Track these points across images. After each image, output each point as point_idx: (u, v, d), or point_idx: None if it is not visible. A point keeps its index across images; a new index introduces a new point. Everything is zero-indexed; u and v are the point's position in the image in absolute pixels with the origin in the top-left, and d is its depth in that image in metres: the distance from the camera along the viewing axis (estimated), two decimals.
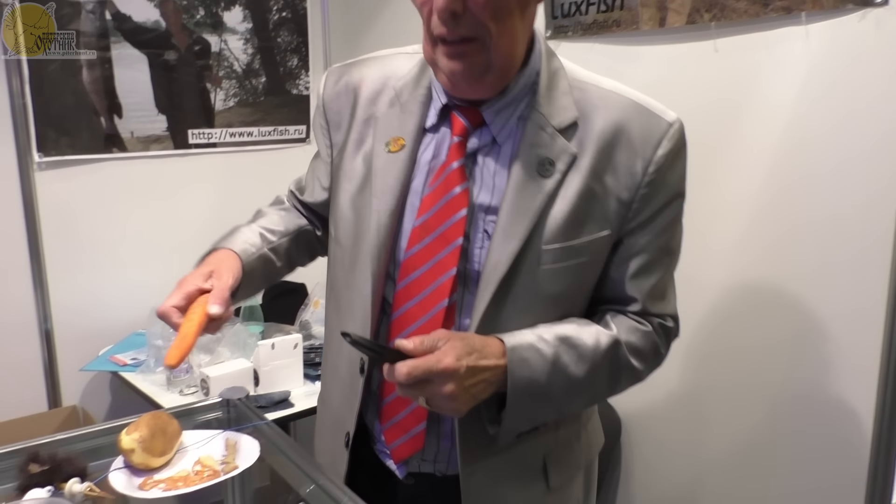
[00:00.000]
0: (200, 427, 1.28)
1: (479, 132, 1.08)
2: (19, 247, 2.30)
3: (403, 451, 1.15)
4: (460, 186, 1.06)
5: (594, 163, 1.04)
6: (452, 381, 0.94)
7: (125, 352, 2.37)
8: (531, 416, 1.07)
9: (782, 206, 1.67)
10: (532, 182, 1.03)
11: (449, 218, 1.06)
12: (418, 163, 1.11)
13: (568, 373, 1.04)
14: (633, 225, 1.07)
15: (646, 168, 1.04)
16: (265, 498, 1.24)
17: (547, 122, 1.04)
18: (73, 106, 2.31)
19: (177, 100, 2.49)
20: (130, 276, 2.47)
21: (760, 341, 1.75)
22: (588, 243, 1.05)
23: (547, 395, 1.04)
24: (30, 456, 1.14)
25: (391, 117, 1.13)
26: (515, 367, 1.01)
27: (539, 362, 1.02)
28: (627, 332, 1.09)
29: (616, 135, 1.04)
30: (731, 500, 1.87)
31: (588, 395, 1.12)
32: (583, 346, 1.05)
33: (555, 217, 1.04)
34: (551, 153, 1.04)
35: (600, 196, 1.04)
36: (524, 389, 1.02)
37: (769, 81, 1.66)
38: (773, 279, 1.71)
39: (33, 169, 2.28)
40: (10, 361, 2.32)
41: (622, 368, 1.09)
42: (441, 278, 1.06)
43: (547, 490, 1.16)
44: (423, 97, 1.12)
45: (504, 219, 1.04)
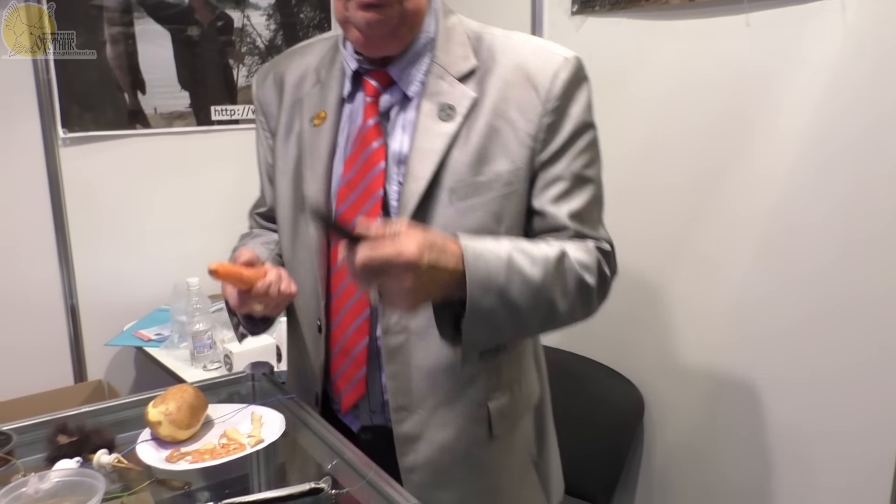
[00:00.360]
0: (225, 401, 1.29)
1: (390, 91, 1.16)
2: (45, 223, 2.32)
3: (350, 398, 1.21)
4: (377, 142, 1.14)
5: (496, 103, 1.11)
6: (412, 274, 0.92)
7: (149, 327, 2.38)
8: (492, 320, 1.03)
9: (815, 187, 1.64)
10: (435, 126, 1.11)
11: (368, 173, 1.14)
12: (341, 131, 1.19)
13: (523, 273, 1.03)
14: (545, 157, 1.12)
15: (545, 100, 1.10)
16: (290, 472, 1.24)
17: (446, 71, 1.13)
18: (97, 82, 2.31)
19: (200, 76, 2.48)
20: (154, 252, 2.48)
21: (790, 323, 1.73)
22: (496, 177, 1.11)
23: (506, 296, 1.02)
24: (58, 427, 1.15)
25: (313, 96, 1.22)
26: (471, 262, 0.99)
27: (495, 260, 1.02)
28: (571, 246, 1.11)
29: (515, 74, 1.12)
30: (754, 485, 1.86)
31: (544, 304, 1.07)
32: (534, 252, 1.06)
33: (459, 157, 1.10)
34: (451, 99, 1.12)
35: (505, 132, 1.11)
36: (483, 287, 1.00)
37: (803, 57, 1.62)
38: (802, 256, 1.68)
39: (58, 145, 2.29)
40: (37, 336, 2.34)
41: (573, 280, 1.09)
42: None
43: (490, 437, 1.21)
44: (338, 72, 1.21)
45: (412, 163, 1.11)
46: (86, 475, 0.97)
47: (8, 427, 1.19)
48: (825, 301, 1.65)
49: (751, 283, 1.79)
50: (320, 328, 1.22)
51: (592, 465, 2.09)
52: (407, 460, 1.19)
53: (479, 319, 1.01)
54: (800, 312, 1.70)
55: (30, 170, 2.27)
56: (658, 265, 2.01)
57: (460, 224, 1.10)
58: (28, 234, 2.30)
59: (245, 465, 1.16)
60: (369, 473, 1.06)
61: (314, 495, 1.04)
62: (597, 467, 2.08)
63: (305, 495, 1.03)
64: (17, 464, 1.12)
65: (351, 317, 1.18)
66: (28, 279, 2.31)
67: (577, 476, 2.14)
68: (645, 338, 2.08)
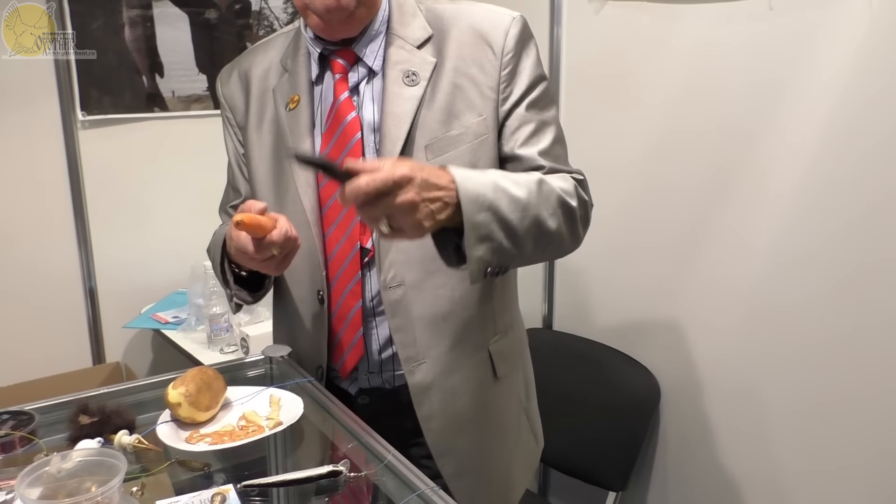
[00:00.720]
0: (243, 384, 1.30)
1: (356, 67, 1.24)
2: (64, 205, 2.33)
3: (351, 361, 1.29)
4: (350, 115, 1.22)
5: (455, 63, 1.21)
6: (412, 189, 0.95)
7: (167, 310, 2.40)
8: (489, 236, 1.05)
9: (838, 176, 1.62)
10: (402, 91, 1.20)
11: (347, 144, 1.22)
12: (316, 111, 1.27)
13: (509, 192, 1.07)
14: (508, 106, 1.22)
15: (501, 53, 1.20)
16: (308, 454, 1.25)
17: (405, 41, 1.23)
18: (115, 65, 2.32)
19: (217, 59, 2.48)
20: (171, 236, 2.49)
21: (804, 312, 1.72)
22: (465, 129, 1.20)
23: (497, 211, 1.05)
24: (80, 408, 1.16)
25: (283, 84, 1.30)
26: (461, 181, 1.02)
27: (482, 179, 1.05)
28: (548, 176, 1.17)
29: (470, 36, 1.21)
30: (768, 471, 1.85)
31: (534, 222, 1.10)
32: (514, 176, 1.11)
33: (428, 116, 1.20)
34: (413, 66, 1.21)
35: (467, 88, 1.21)
36: (475, 202, 1.03)
37: (828, 42, 1.60)
38: (825, 239, 1.67)
39: (77, 128, 2.30)
40: (56, 318, 2.36)
41: (556, 201, 1.14)
42: None
43: (494, 378, 1.32)
44: (304, 57, 1.28)
45: (386, 127, 1.20)
46: (107, 455, 0.98)
47: (30, 407, 1.21)
48: (841, 286, 1.64)
49: (766, 274, 1.78)
50: (322, 299, 1.27)
51: (608, 450, 2.09)
52: (423, 409, 1.27)
53: (477, 235, 1.04)
54: (815, 300, 1.69)
55: (49, 152, 2.28)
56: (676, 252, 2.00)
57: None
58: (47, 217, 2.31)
59: (263, 447, 1.17)
60: (387, 456, 1.07)
61: (332, 478, 1.04)
62: (613, 453, 2.09)
63: (323, 478, 1.04)
64: (39, 443, 1.13)
65: (345, 281, 1.25)
66: (47, 262, 2.33)
67: (593, 461, 2.14)
68: (661, 325, 2.08)
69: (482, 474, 1.32)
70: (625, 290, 2.19)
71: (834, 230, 1.64)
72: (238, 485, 1.02)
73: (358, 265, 1.25)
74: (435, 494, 0.97)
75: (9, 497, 0.98)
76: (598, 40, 2.14)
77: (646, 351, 2.11)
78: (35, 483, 0.93)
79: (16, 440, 1.13)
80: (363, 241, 1.24)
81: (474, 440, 1.32)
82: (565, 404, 2.20)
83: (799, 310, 1.73)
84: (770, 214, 1.76)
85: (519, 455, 1.43)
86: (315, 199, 1.25)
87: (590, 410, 2.15)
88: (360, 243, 1.24)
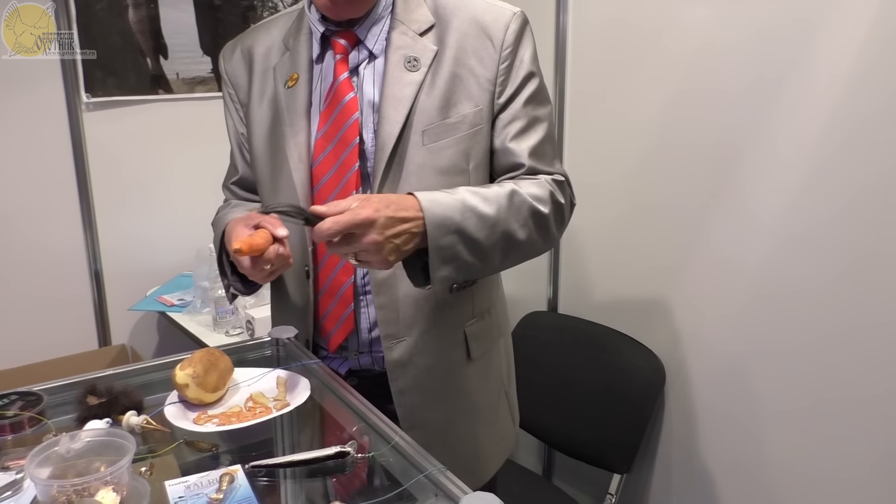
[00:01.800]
0: (250, 365, 1.30)
1: (357, 49, 1.26)
2: (69, 188, 2.33)
3: (338, 337, 1.31)
4: (349, 95, 1.24)
5: (455, 53, 1.23)
6: (374, 230, 1.04)
7: (172, 292, 2.40)
8: (454, 256, 1.13)
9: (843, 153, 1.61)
10: (403, 76, 1.23)
11: (345, 123, 1.24)
12: (314, 90, 1.29)
13: (478, 212, 1.14)
14: (503, 100, 1.24)
15: (501, 47, 1.23)
16: (314, 435, 1.25)
17: (408, 28, 1.25)
18: (119, 46, 2.31)
19: (221, 41, 2.44)
20: (176, 218, 2.49)
21: (813, 289, 1.72)
22: (462, 118, 1.23)
23: (464, 232, 1.13)
24: (88, 389, 1.17)
25: (284, 62, 1.32)
26: (428, 207, 1.10)
27: (449, 202, 1.12)
28: (521, 182, 1.23)
29: (471, 27, 1.24)
30: (774, 455, 1.86)
31: (503, 237, 1.17)
32: (485, 192, 1.17)
33: (427, 102, 1.22)
34: (415, 52, 1.24)
35: (466, 79, 1.23)
36: (440, 227, 1.10)
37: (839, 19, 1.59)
38: (831, 224, 1.66)
39: (81, 110, 2.29)
40: (62, 301, 2.37)
41: (528, 212, 1.20)
42: (346, 176, 1.24)
43: (468, 359, 1.35)
44: (306, 37, 1.31)
45: (385, 109, 1.22)
46: (116, 435, 0.98)
47: (39, 388, 1.21)
48: (845, 271, 1.64)
49: (772, 257, 1.78)
50: (308, 273, 1.30)
51: (613, 433, 2.10)
52: (398, 384, 1.30)
53: (441, 257, 1.12)
54: (819, 284, 1.69)
55: (54, 134, 2.28)
56: (682, 234, 2.00)
57: (433, 163, 1.23)
58: (53, 200, 2.31)
59: (270, 428, 1.17)
60: (395, 437, 1.07)
61: (339, 459, 1.04)
62: (617, 436, 2.09)
63: (330, 458, 1.04)
64: (48, 424, 1.14)
65: (335, 258, 1.27)
66: (53, 245, 2.33)
67: (597, 444, 2.15)
68: (667, 308, 2.08)
69: (451, 449, 1.32)
70: (630, 273, 2.19)
71: (840, 216, 1.63)
72: (246, 465, 1.02)
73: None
74: (442, 475, 0.97)
75: (18, 476, 0.99)
76: (603, 22, 2.13)
77: (651, 334, 2.11)
78: (44, 463, 0.94)
79: (25, 421, 1.14)
80: None
81: (445, 416, 1.34)
82: (570, 387, 2.21)
83: (804, 293, 1.73)
84: (778, 197, 1.75)
85: (494, 435, 1.45)
86: (307, 176, 1.27)
87: (594, 393, 2.16)
88: None
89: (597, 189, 2.19)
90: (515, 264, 1.26)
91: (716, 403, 1.99)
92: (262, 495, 0.97)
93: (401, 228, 1.06)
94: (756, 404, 1.88)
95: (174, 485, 0.98)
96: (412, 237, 1.08)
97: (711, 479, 2.03)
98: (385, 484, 1.00)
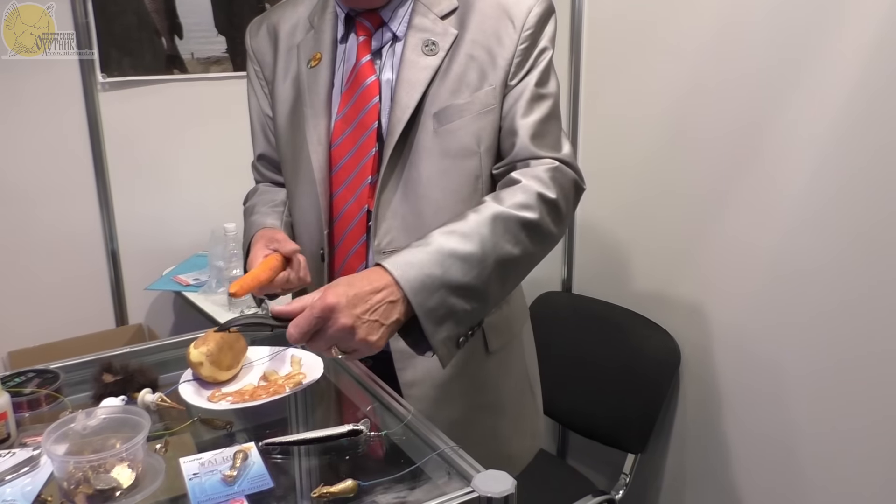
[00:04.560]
0: (264, 344, 1.30)
1: (381, 31, 1.26)
2: (85, 168, 2.34)
3: None
4: (370, 78, 1.24)
5: (474, 36, 1.22)
6: (341, 314, 0.94)
7: (188, 272, 2.41)
8: (450, 311, 1.03)
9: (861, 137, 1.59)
10: (420, 60, 1.21)
11: (364, 107, 1.23)
12: (336, 70, 1.28)
13: (459, 255, 1.03)
14: (517, 81, 1.22)
15: (521, 30, 1.21)
16: (328, 413, 1.26)
17: (430, 11, 1.24)
18: (135, 26, 2.31)
19: (236, 20, 2.46)
20: (192, 198, 2.49)
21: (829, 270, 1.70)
22: (474, 98, 1.21)
23: (449, 283, 1.02)
24: (104, 367, 1.18)
25: (308, 41, 1.31)
26: (401, 272, 0.99)
27: (424, 258, 1.02)
28: (503, 197, 1.12)
29: (493, 9, 1.22)
30: (787, 436, 1.85)
31: (497, 265, 1.08)
32: (461, 228, 1.06)
33: (441, 86, 1.21)
34: (434, 35, 1.22)
35: (482, 59, 1.22)
36: (423, 289, 1.00)
37: None
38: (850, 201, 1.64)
39: (97, 90, 2.30)
40: (79, 281, 2.38)
41: (516, 226, 1.10)
42: (363, 160, 1.23)
43: (486, 353, 1.31)
44: (331, 16, 1.30)
45: (399, 93, 1.21)
46: (131, 412, 0.99)
47: (56, 365, 1.22)
48: (861, 253, 1.62)
49: (788, 238, 1.76)
50: (323, 256, 1.29)
51: (628, 413, 2.10)
52: (406, 375, 1.26)
53: (435, 320, 1.01)
54: (835, 265, 1.67)
55: (70, 114, 2.28)
56: (697, 214, 1.98)
57: (442, 146, 1.21)
58: (69, 180, 2.32)
59: (284, 407, 1.18)
60: (408, 416, 1.07)
61: (352, 437, 1.05)
62: (632, 416, 2.09)
63: (344, 437, 1.04)
64: (64, 401, 1.15)
65: (350, 242, 1.27)
66: (70, 224, 2.34)
67: (612, 424, 2.15)
68: (682, 288, 2.07)
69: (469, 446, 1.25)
70: (645, 252, 2.18)
71: (857, 196, 1.62)
72: (260, 443, 1.03)
73: (364, 228, 1.26)
74: (455, 454, 0.97)
75: (35, 453, 1.00)
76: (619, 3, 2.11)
77: (666, 314, 2.10)
78: (61, 439, 0.95)
79: (42, 398, 1.15)
80: (371, 204, 1.24)
81: (462, 412, 1.30)
82: (585, 367, 2.20)
83: (820, 275, 1.71)
84: (794, 179, 1.73)
85: (519, 432, 1.42)
86: (325, 157, 1.26)
87: (609, 373, 2.16)
88: (368, 206, 1.24)
89: (612, 172, 2.17)
90: (521, 281, 1.21)
91: (730, 384, 1.98)
92: (276, 472, 0.98)
93: (372, 302, 0.97)
94: (771, 384, 1.87)
95: (188, 461, 0.99)
96: (392, 306, 0.98)
97: (726, 460, 2.02)
98: (398, 462, 1.01)
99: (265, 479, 0.96)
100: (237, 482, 0.94)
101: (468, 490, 0.88)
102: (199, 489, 0.93)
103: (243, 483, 0.95)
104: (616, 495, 2.11)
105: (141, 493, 0.91)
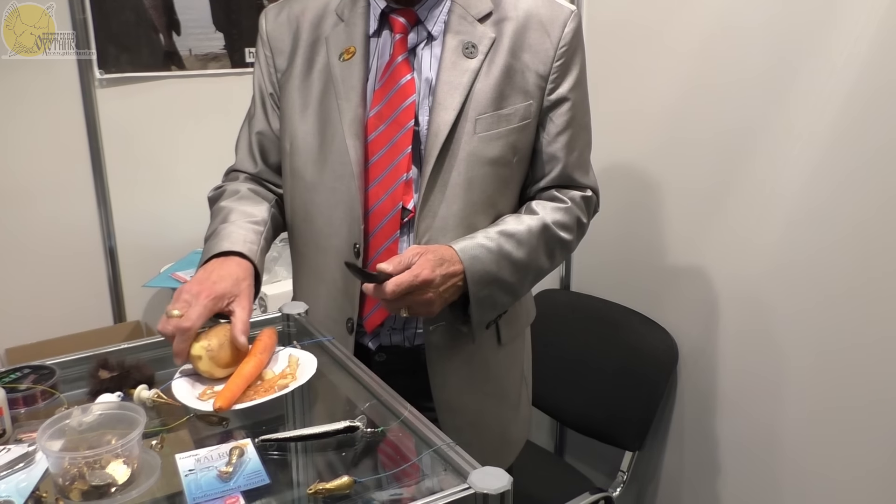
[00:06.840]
0: None
1: (416, 29, 1.27)
2: (83, 164, 2.33)
3: (378, 317, 1.33)
4: (407, 76, 1.25)
5: (511, 44, 1.25)
6: (430, 289, 1.14)
7: (185, 269, 2.40)
8: (492, 302, 1.26)
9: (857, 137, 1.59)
10: (460, 62, 1.24)
11: (399, 105, 1.25)
12: (370, 65, 1.29)
13: (512, 259, 1.24)
14: (553, 98, 1.28)
15: (557, 44, 1.26)
16: (325, 410, 1.25)
17: (467, 12, 1.26)
18: (133, 22, 2.30)
19: (234, 17, 2.46)
20: (189, 195, 2.48)
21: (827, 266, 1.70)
22: (514, 111, 1.26)
23: (500, 281, 1.24)
24: (100, 363, 1.17)
25: (339, 33, 1.30)
26: (468, 265, 1.19)
27: (487, 255, 1.21)
28: (552, 212, 1.30)
29: (528, 20, 1.26)
30: (786, 433, 1.85)
31: (533, 273, 1.30)
32: (519, 234, 1.25)
33: (482, 90, 1.24)
34: (473, 38, 1.25)
35: (520, 71, 1.26)
36: (480, 282, 1.21)
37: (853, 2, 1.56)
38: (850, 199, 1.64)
39: (94, 86, 2.29)
40: (77, 278, 2.38)
41: (555, 244, 1.30)
42: (398, 158, 1.25)
43: (498, 344, 1.39)
44: (363, 10, 1.30)
45: (440, 94, 1.23)
46: (127, 409, 0.99)
47: (51, 362, 1.22)
48: (861, 252, 1.62)
49: (786, 234, 1.76)
50: (358, 251, 1.30)
51: (625, 411, 2.10)
52: (436, 367, 1.33)
53: (481, 307, 1.24)
54: (833, 262, 1.67)
55: (68, 111, 2.27)
56: (694, 212, 1.98)
57: (483, 153, 1.25)
58: (67, 176, 2.32)
59: (281, 404, 1.17)
60: (404, 412, 1.07)
61: (349, 433, 1.04)
62: (629, 413, 2.09)
63: (340, 433, 1.04)
64: (60, 397, 1.15)
65: (381, 238, 1.29)
66: (67, 221, 2.34)
67: (609, 422, 2.15)
68: (680, 286, 2.07)
69: (480, 432, 1.37)
70: (643, 251, 2.18)
71: (858, 194, 1.62)
72: (256, 439, 1.03)
73: (397, 224, 1.27)
74: (451, 450, 0.97)
75: (31, 449, 1.00)
76: None
77: (664, 312, 2.11)
78: (56, 436, 0.94)
79: (37, 394, 1.14)
80: (405, 201, 1.26)
81: (476, 401, 1.38)
82: (582, 365, 2.21)
83: (819, 274, 1.71)
84: (792, 176, 1.73)
85: (518, 419, 1.49)
86: (361, 151, 1.27)
87: (607, 371, 2.16)
88: (402, 203, 1.26)
89: (610, 170, 2.17)
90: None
91: (728, 382, 1.98)
92: (272, 469, 0.98)
93: (448, 284, 1.17)
94: (769, 382, 1.87)
95: (184, 458, 0.99)
96: (457, 290, 1.19)
97: (723, 457, 2.02)
98: (394, 459, 1.00)
99: (261, 476, 0.96)
100: (233, 478, 0.94)
101: (464, 486, 0.88)
102: (194, 485, 0.93)
103: (239, 479, 0.94)
104: (613, 493, 2.11)
105: (136, 490, 0.91)
